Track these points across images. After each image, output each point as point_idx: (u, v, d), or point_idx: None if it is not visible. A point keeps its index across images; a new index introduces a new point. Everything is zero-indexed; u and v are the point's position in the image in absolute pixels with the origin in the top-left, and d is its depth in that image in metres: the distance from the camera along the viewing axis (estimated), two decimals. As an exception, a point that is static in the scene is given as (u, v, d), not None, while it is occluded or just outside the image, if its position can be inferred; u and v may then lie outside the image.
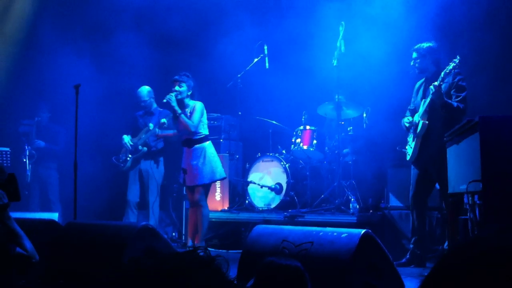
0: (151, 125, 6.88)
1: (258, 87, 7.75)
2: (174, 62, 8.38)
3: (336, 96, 6.74)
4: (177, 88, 6.00)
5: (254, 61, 7.39)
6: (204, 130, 6.09)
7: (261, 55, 7.39)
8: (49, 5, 8.64)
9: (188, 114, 5.99)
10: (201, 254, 1.20)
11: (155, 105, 7.14)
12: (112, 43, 8.34)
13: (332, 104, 6.88)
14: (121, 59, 8.22)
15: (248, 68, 7.40)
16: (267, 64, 7.38)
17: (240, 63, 7.57)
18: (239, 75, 7.37)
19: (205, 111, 6.13)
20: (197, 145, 6.00)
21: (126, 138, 6.97)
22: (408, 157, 5.61)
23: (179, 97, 5.98)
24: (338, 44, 6.57)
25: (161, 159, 7.04)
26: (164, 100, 5.93)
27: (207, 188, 6.08)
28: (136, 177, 6.96)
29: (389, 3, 7.06)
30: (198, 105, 6.04)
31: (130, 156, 6.91)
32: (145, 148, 6.87)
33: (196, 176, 5.94)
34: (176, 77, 6.06)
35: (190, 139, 6.03)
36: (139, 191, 6.95)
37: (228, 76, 7.59)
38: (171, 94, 5.94)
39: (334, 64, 6.57)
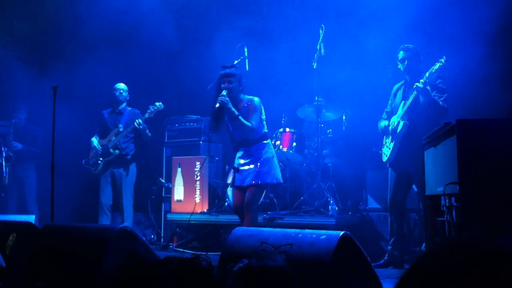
0: (121, 127, 6.84)
1: (238, 89, 7.74)
2: (154, 63, 8.35)
3: (316, 99, 6.77)
4: (226, 87, 5.29)
5: (235, 63, 7.37)
6: (264, 128, 5.46)
7: (241, 57, 7.38)
8: (26, 5, 8.54)
9: (244, 110, 5.34)
10: (202, 262, 1.20)
11: (124, 104, 7.10)
12: (90, 43, 8.28)
13: (311, 107, 6.91)
14: (101, 59, 8.16)
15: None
16: (247, 66, 7.37)
17: (220, 65, 7.56)
18: (219, 77, 7.35)
19: (263, 107, 5.45)
20: (256, 144, 5.38)
21: (95, 141, 6.92)
22: (384, 158, 5.62)
23: (231, 94, 5.29)
24: (318, 47, 6.60)
25: (134, 160, 7.01)
26: (217, 105, 5.21)
27: (260, 191, 5.42)
28: (108, 180, 6.91)
29: (369, 7, 7.12)
30: (256, 103, 5.36)
31: (101, 159, 6.85)
32: (117, 151, 6.83)
33: (250, 175, 5.28)
34: (223, 72, 5.38)
35: (248, 140, 5.39)
36: (112, 194, 6.90)
37: (209, 78, 7.57)
38: (223, 95, 5.22)
39: (314, 67, 6.61)
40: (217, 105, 5.19)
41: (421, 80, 5.13)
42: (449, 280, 0.78)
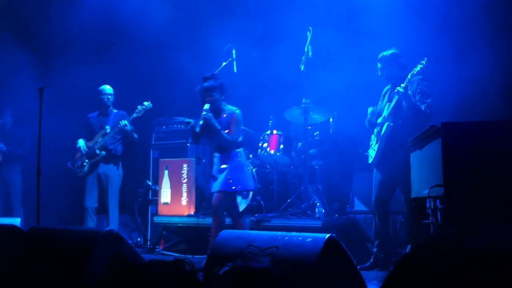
0: (108, 128, 6.81)
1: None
2: (141, 65, 8.33)
3: (303, 100, 6.79)
4: (208, 101, 5.44)
5: (222, 65, 7.37)
6: (240, 137, 5.62)
7: (229, 59, 7.38)
8: (13, 7, 8.49)
9: (225, 121, 5.50)
10: (186, 266, 1.19)
11: (111, 107, 7.07)
12: (78, 44, 8.24)
13: (299, 109, 6.92)
14: (87, 61, 8.12)
15: (216, 72, 7.38)
16: (235, 68, 7.38)
17: (208, 67, 7.56)
18: (206, 79, 7.35)
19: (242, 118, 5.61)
20: (229, 151, 5.53)
21: (81, 143, 6.87)
22: (370, 160, 5.66)
23: (213, 107, 5.47)
24: (305, 49, 6.62)
25: (120, 162, 6.97)
26: (201, 122, 5.36)
27: (227, 197, 5.46)
28: (94, 182, 6.86)
29: (356, 9, 7.16)
30: (237, 115, 5.51)
31: (87, 160, 6.81)
32: (104, 152, 6.79)
33: (220, 182, 5.44)
34: (204, 86, 5.50)
35: (222, 146, 5.57)
36: (97, 196, 6.85)
37: (196, 79, 7.56)
38: (205, 111, 5.37)
39: (302, 69, 6.63)
40: (201, 122, 5.37)
41: (402, 85, 5.20)
42: (426, 280, 0.79)
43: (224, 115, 5.54)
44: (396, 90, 5.27)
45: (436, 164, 3.55)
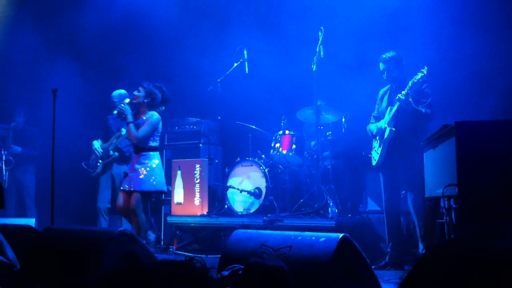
0: (123, 130, 6.85)
1: (238, 92, 7.77)
2: (154, 66, 8.36)
3: (318, 102, 6.78)
4: (135, 92, 5.81)
5: (234, 66, 7.39)
6: (153, 143, 5.86)
7: (241, 60, 7.40)
8: (28, 8, 8.55)
9: (142, 122, 5.78)
10: (197, 264, 1.19)
11: None
12: (92, 47, 8.29)
13: (311, 109, 6.90)
14: (100, 63, 8.17)
15: (228, 72, 7.40)
16: (246, 69, 7.39)
17: (220, 68, 7.58)
18: (219, 80, 7.38)
19: (160, 125, 5.86)
20: (143, 152, 5.80)
21: (96, 144, 6.93)
22: (374, 162, 5.71)
23: (134, 101, 5.80)
24: (317, 49, 6.61)
25: None
26: (115, 112, 5.80)
27: (144, 197, 5.82)
28: (108, 183, 6.90)
29: (368, 8, 7.13)
30: (152, 118, 5.77)
31: (100, 161, 6.86)
32: (117, 153, 6.83)
33: (132, 181, 5.74)
34: (142, 82, 5.89)
35: (136, 147, 5.86)
36: (110, 197, 6.90)
37: (208, 80, 7.58)
38: (123, 103, 5.76)
39: (313, 69, 6.62)
40: (115, 112, 5.79)
41: (403, 92, 5.23)
42: (447, 283, 0.78)
43: (144, 118, 5.80)
44: (397, 97, 5.30)
45: (450, 163, 3.53)
